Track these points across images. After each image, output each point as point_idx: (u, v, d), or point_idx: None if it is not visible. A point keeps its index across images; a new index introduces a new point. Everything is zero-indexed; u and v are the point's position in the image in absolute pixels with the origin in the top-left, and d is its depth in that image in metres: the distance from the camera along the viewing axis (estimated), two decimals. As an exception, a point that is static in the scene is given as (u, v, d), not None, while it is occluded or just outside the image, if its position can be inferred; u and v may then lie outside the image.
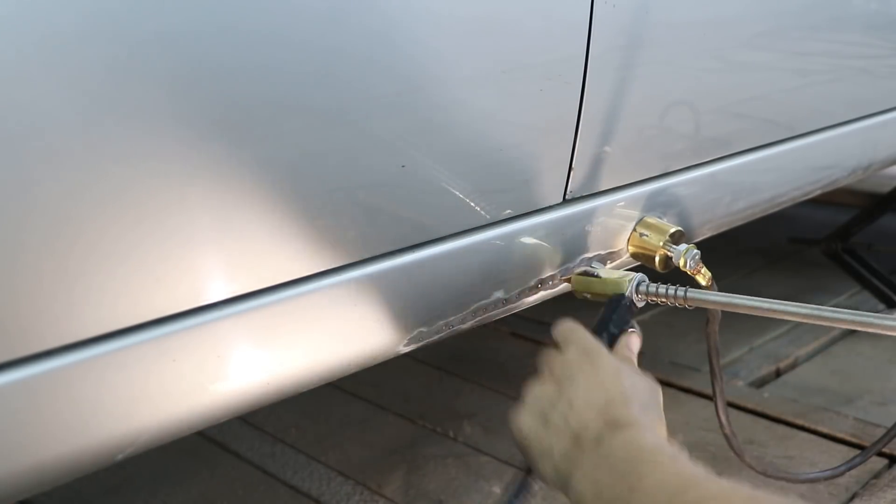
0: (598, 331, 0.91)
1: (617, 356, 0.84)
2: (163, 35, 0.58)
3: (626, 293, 0.92)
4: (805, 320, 0.85)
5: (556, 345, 0.87)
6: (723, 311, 1.05)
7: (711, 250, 1.07)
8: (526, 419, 0.80)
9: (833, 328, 2.06)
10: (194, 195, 0.63)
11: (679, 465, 0.66)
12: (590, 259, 1.00)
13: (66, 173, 0.57)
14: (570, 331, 0.87)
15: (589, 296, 0.97)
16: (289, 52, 0.65)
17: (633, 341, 0.89)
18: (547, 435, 0.76)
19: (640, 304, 0.93)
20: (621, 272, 0.95)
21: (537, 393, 0.81)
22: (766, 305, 0.87)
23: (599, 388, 0.77)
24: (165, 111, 0.60)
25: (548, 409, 0.78)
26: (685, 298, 0.92)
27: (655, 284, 0.93)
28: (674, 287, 0.92)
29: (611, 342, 0.90)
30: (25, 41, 0.53)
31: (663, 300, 0.93)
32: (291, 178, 0.69)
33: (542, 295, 0.97)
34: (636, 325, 0.92)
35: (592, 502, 0.68)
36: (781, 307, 0.86)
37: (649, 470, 0.65)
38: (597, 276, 0.96)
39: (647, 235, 1.02)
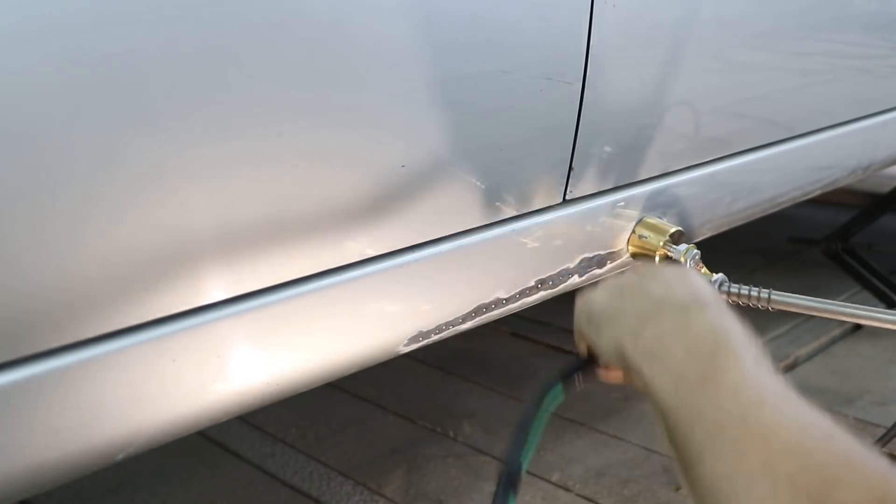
0: None
1: None
2: (162, 33, 0.58)
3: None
4: (886, 325, 0.86)
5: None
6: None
7: (711, 250, 1.07)
8: (597, 291, 0.72)
9: (834, 328, 2.06)
10: (194, 195, 0.63)
11: (762, 372, 0.57)
12: (590, 259, 1.00)
13: (65, 173, 0.57)
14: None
15: None
16: (289, 53, 0.65)
17: None
18: (622, 302, 0.68)
19: None
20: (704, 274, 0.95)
21: (615, 279, 0.73)
22: (847, 310, 0.89)
23: (688, 278, 0.69)
24: (161, 109, 0.60)
25: (627, 288, 0.69)
26: (769, 301, 0.91)
27: (738, 285, 0.93)
28: (757, 289, 0.91)
29: None
30: (26, 41, 0.53)
31: (745, 301, 0.92)
32: (292, 177, 0.69)
33: (542, 295, 0.97)
34: None
35: (655, 372, 0.60)
36: (861, 312, 0.88)
37: (729, 365, 0.57)
38: None
39: (647, 235, 1.02)
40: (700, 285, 0.68)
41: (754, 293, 0.91)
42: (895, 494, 0.47)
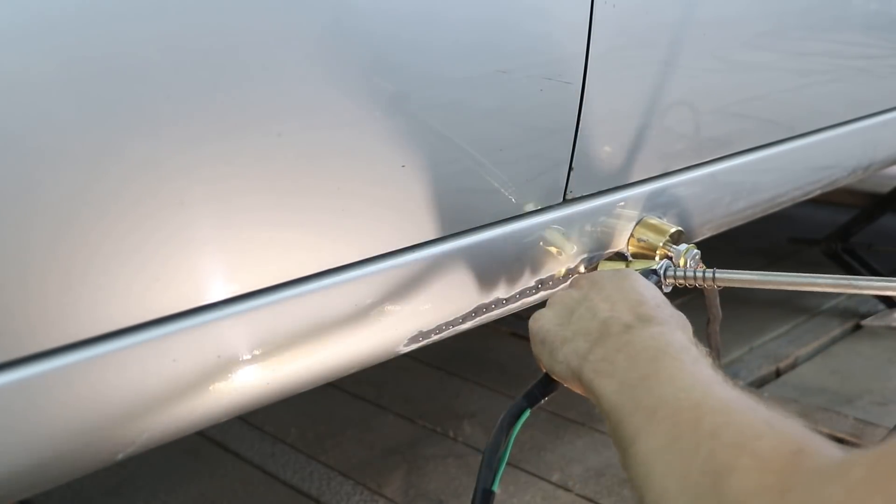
0: None
1: None
2: (161, 32, 0.58)
3: (656, 276, 0.92)
4: (834, 289, 0.85)
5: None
6: (724, 312, 1.06)
7: (711, 250, 1.07)
8: (547, 313, 0.79)
9: (834, 328, 2.06)
10: (194, 195, 0.63)
11: (699, 367, 0.63)
12: (590, 259, 1.00)
13: (65, 173, 0.57)
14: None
15: None
16: (289, 53, 0.65)
17: None
18: (570, 324, 0.75)
19: (667, 290, 0.94)
20: (648, 261, 0.96)
21: (561, 295, 0.80)
22: (797, 279, 0.87)
23: (630, 291, 0.75)
24: (160, 111, 0.60)
25: (573, 306, 0.76)
26: (714, 279, 0.90)
27: (683, 269, 0.93)
28: (701, 269, 0.91)
29: None
30: (27, 40, 0.53)
31: (691, 283, 0.91)
32: (292, 177, 0.69)
33: (542, 295, 0.97)
34: None
35: (602, 382, 0.66)
36: (811, 279, 0.86)
37: (667, 364, 0.63)
38: (626, 261, 0.96)
39: (647, 235, 1.02)
40: (642, 297, 0.73)
41: (699, 274, 0.91)
42: (811, 447, 0.52)
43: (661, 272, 0.93)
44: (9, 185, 0.55)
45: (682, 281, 0.92)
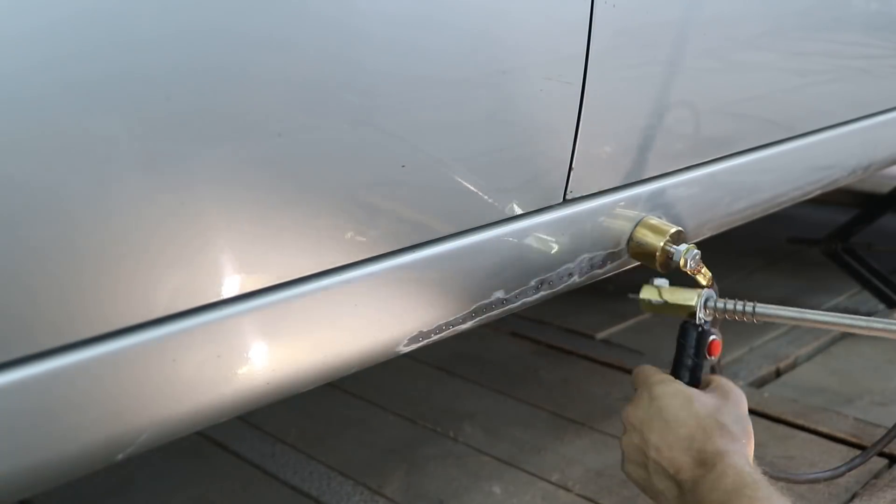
0: (676, 364, 0.96)
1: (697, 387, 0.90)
2: (164, 36, 0.58)
3: (696, 320, 0.95)
4: (867, 333, 0.87)
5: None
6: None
7: (711, 250, 1.07)
8: (631, 470, 0.88)
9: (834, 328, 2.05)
10: (194, 196, 0.63)
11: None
12: (590, 259, 1.00)
13: (65, 173, 0.57)
14: (640, 373, 0.93)
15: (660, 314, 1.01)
16: (289, 54, 0.65)
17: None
18: (652, 482, 0.84)
19: (709, 320, 0.96)
20: (686, 291, 0.97)
21: (628, 445, 0.88)
22: (831, 319, 0.89)
23: (677, 426, 0.83)
24: (165, 111, 0.60)
25: (643, 459, 0.85)
26: (753, 314, 0.93)
27: (723, 300, 0.95)
28: (741, 302, 0.94)
29: (692, 371, 0.94)
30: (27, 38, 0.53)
31: (731, 316, 0.94)
32: (292, 177, 0.69)
33: (542, 295, 0.97)
34: (716, 331, 0.96)
35: None
36: (848, 321, 0.88)
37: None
38: (663, 302, 0.98)
39: (647, 236, 1.02)
40: (691, 433, 0.82)
41: (739, 307, 0.94)
42: None
43: (702, 305, 0.95)
44: (8, 185, 0.55)
45: (721, 314, 0.95)
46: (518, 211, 0.89)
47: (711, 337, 0.95)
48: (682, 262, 0.99)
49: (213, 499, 1.48)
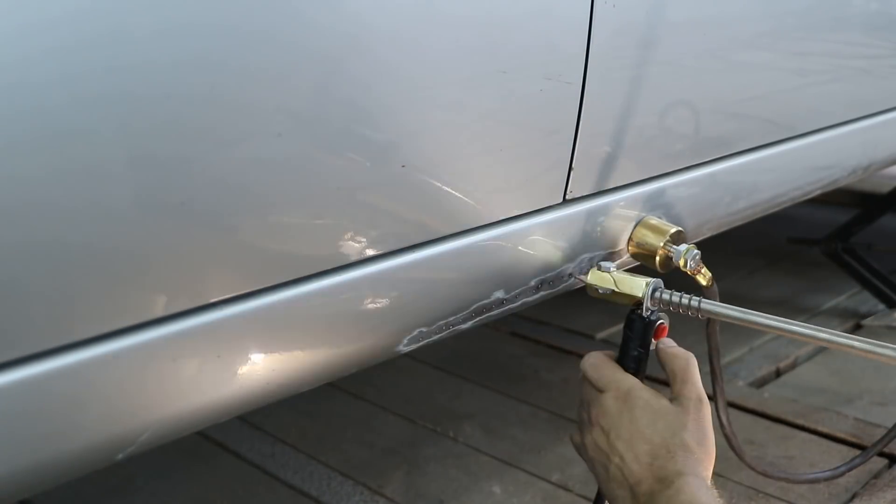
0: (622, 353, 0.95)
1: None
2: (163, 33, 0.58)
3: (643, 311, 0.94)
4: (812, 341, 0.87)
5: (587, 380, 0.94)
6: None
7: (711, 250, 1.07)
8: (591, 466, 0.91)
9: (834, 328, 2.05)
10: (193, 196, 0.63)
11: None
12: (590, 259, 1.00)
13: (65, 172, 0.57)
14: (600, 370, 0.93)
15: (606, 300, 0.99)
16: (289, 54, 0.65)
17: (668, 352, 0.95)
18: (610, 485, 0.87)
19: (655, 310, 0.95)
20: (635, 279, 0.95)
21: (592, 445, 0.90)
22: (777, 324, 0.88)
23: (643, 441, 0.85)
24: (165, 110, 0.60)
25: (605, 461, 0.88)
26: (699, 309, 0.92)
27: (669, 292, 0.94)
28: (688, 296, 0.93)
29: (638, 362, 0.94)
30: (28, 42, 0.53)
31: (675, 309, 0.93)
32: (292, 177, 0.69)
33: (542, 295, 0.97)
34: (663, 316, 0.95)
35: None
36: (794, 328, 0.87)
37: None
38: (609, 293, 0.97)
39: (647, 236, 1.02)
40: (652, 444, 0.84)
41: (685, 301, 0.92)
42: None
43: (649, 294, 0.93)
44: (9, 185, 0.55)
45: (667, 306, 0.94)
46: (518, 211, 0.89)
47: (659, 322, 0.94)
48: (682, 263, 0.99)
49: (213, 499, 1.48)
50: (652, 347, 0.95)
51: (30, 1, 0.52)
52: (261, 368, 0.73)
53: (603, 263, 0.99)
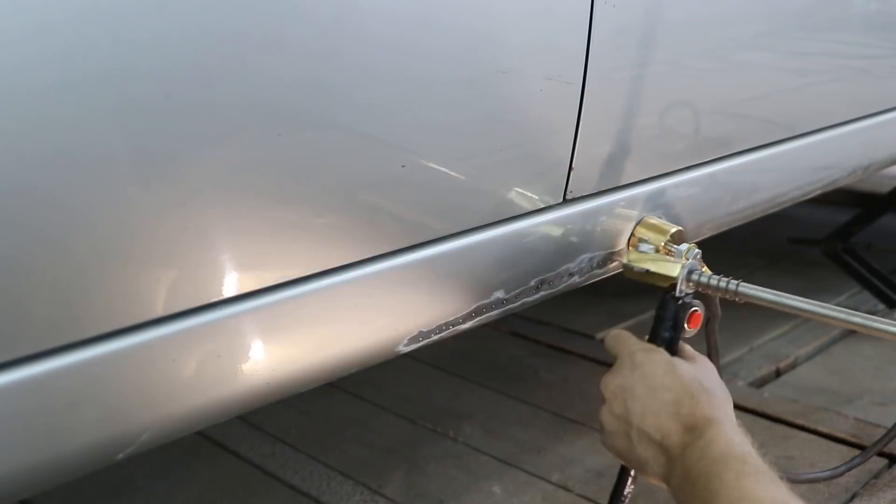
0: (653, 335, 0.95)
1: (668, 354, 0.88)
2: (164, 34, 0.58)
3: (677, 292, 0.94)
4: (852, 327, 0.87)
5: (611, 358, 0.91)
6: (724, 312, 1.06)
7: (711, 250, 1.07)
8: (612, 442, 0.86)
9: (834, 328, 2.06)
10: (194, 195, 0.63)
11: (744, 479, 0.71)
12: (590, 259, 1.00)
13: (65, 172, 0.57)
14: (616, 340, 0.92)
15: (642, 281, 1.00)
16: (289, 54, 0.65)
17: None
18: (636, 449, 0.82)
19: (690, 293, 0.95)
20: (670, 262, 0.96)
21: (608, 415, 0.86)
22: (813, 308, 0.88)
23: (662, 392, 0.82)
24: (165, 110, 0.60)
25: (626, 428, 0.83)
26: (736, 293, 0.92)
27: (707, 275, 0.94)
28: (726, 279, 0.93)
29: (669, 345, 0.93)
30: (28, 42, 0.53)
31: (713, 291, 0.93)
32: (292, 177, 0.69)
33: (542, 295, 0.97)
34: (697, 303, 0.95)
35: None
36: (826, 311, 0.87)
37: (718, 487, 0.71)
38: (644, 272, 0.97)
39: (647, 235, 1.02)
40: (678, 397, 0.81)
41: (723, 284, 0.92)
42: None
43: (685, 276, 0.93)
44: (9, 185, 0.55)
45: (704, 288, 0.94)
46: (518, 211, 0.89)
47: (693, 309, 0.94)
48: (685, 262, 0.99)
49: (213, 499, 1.48)
50: (685, 335, 0.94)
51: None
52: (261, 368, 0.73)
53: (641, 246, 0.99)
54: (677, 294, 0.94)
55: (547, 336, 2.07)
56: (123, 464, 0.70)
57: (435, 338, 0.88)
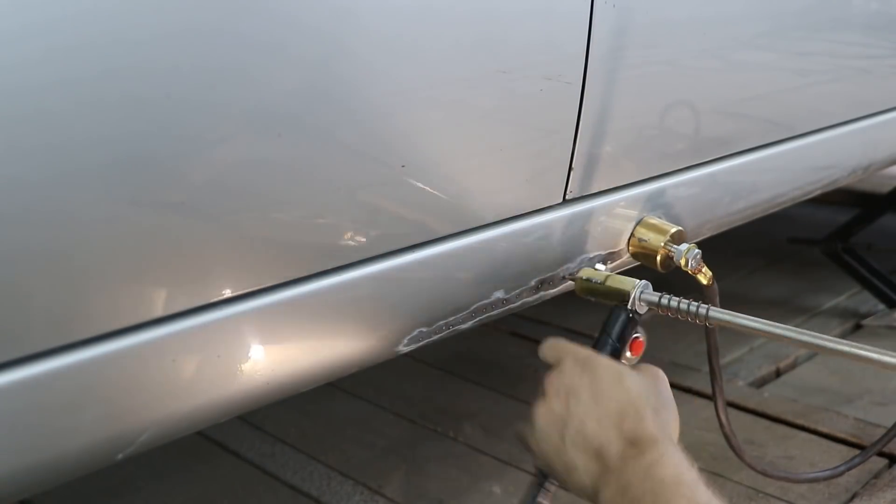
0: (597, 345, 0.90)
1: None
2: (164, 34, 0.58)
3: (629, 305, 0.89)
4: (818, 350, 0.83)
5: (550, 365, 0.87)
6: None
7: (711, 250, 1.07)
8: (542, 439, 0.81)
9: (834, 328, 2.06)
10: (193, 196, 0.63)
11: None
12: (591, 259, 1.00)
13: (65, 172, 0.57)
14: (557, 346, 0.88)
15: (593, 298, 0.96)
16: (288, 54, 0.65)
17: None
18: (568, 453, 0.77)
19: (642, 312, 0.90)
20: (625, 279, 0.92)
21: (546, 413, 0.82)
22: (786, 334, 0.83)
23: (607, 400, 0.78)
24: (165, 110, 0.60)
25: (562, 428, 0.79)
26: (706, 318, 0.86)
27: (668, 297, 0.89)
28: (687, 301, 0.87)
29: (611, 356, 0.88)
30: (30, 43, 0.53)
31: (674, 315, 0.88)
32: (292, 177, 0.69)
33: (542, 295, 0.97)
34: (641, 331, 0.90)
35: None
36: (803, 337, 0.83)
37: None
38: (600, 284, 0.93)
39: (647, 235, 1.02)
40: (621, 407, 0.77)
41: (688, 307, 0.87)
42: None
43: (637, 296, 0.89)
44: (9, 185, 0.55)
45: (664, 311, 0.88)
46: (518, 211, 0.89)
47: (635, 335, 0.89)
48: (682, 262, 0.99)
49: (213, 499, 1.48)
50: (627, 362, 0.89)
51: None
52: (261, 368, 0.73)
53: (596, 265, 0.97)
54: (629, 307, 0.90)
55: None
56: (123, 464, 0.70)
57: (435, 338, 0.88)
